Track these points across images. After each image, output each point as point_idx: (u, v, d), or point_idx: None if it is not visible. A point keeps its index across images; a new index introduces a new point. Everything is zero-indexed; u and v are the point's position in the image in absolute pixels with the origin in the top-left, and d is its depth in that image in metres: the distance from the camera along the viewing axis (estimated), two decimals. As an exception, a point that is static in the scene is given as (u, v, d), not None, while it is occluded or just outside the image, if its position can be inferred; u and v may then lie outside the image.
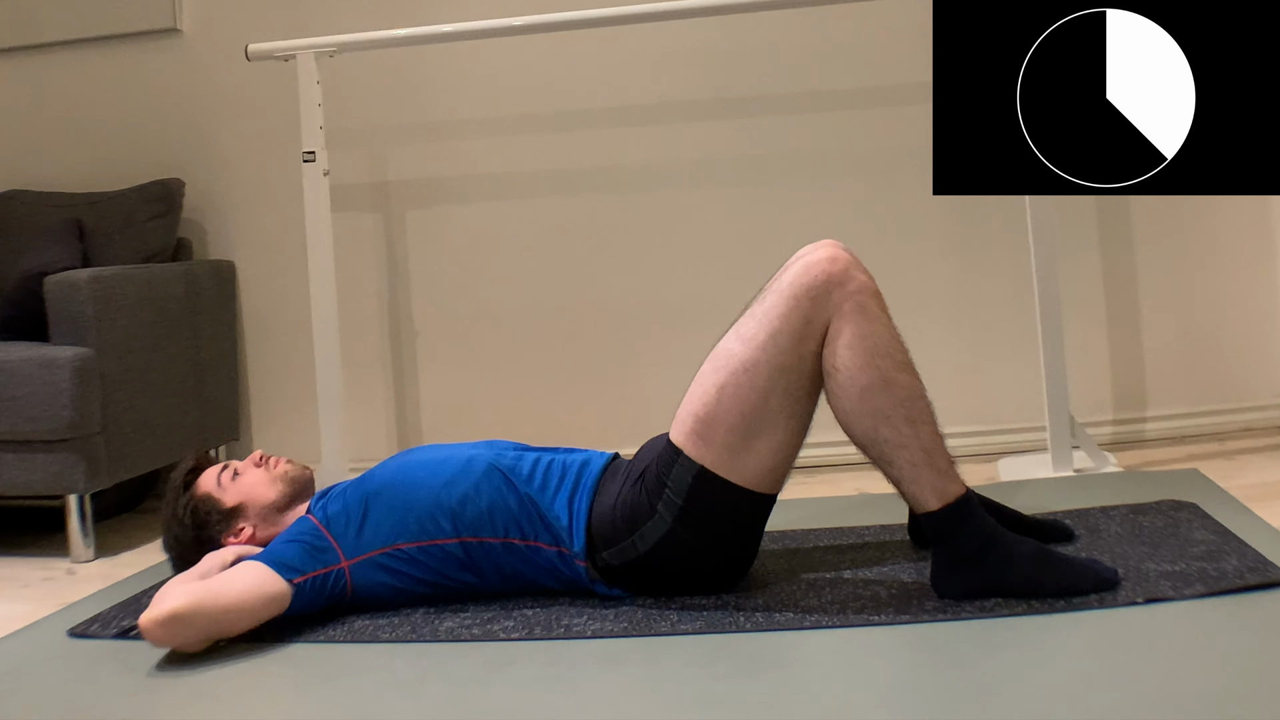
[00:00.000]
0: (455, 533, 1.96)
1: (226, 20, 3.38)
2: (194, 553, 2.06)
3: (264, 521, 2.10)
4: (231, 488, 2.10)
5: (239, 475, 2.13)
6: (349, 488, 2.06)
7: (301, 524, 2.02)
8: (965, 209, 3.07)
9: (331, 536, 1.98)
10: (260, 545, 2.07)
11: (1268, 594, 1.71)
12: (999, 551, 1.79)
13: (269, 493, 2.11)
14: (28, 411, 2.66)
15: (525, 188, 3.28)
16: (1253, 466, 2.69)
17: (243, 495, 2.10)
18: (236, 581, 1.88)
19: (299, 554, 1.94)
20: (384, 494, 2.01)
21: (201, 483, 2.12)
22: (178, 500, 2.10)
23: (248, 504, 2.10)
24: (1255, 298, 3.08)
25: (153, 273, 3.05)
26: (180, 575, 1.96)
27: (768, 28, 3.11)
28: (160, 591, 1.88)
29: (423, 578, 1.99)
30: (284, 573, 1.90)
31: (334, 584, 1.96)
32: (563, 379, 3.28)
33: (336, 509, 2.01)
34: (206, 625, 1.83)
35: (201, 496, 2.09)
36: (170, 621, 1.80)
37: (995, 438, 3.07)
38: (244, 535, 2.08)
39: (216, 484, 2.11)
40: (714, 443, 1.86)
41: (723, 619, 1.83)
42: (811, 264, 1.84)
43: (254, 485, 2.12)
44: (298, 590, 1.91)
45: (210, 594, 1.84)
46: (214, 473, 2.13)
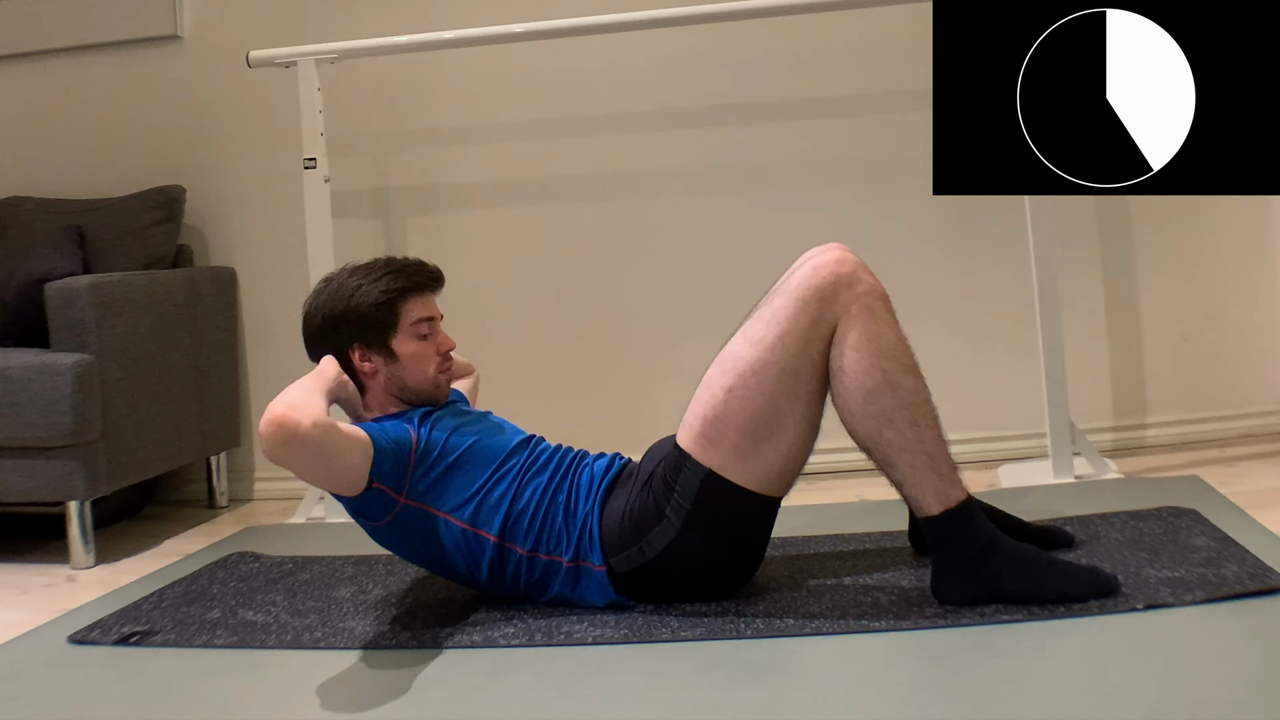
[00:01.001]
0: (499, 533, 1.95)
1: (227, 27, 3.38)
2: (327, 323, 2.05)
3: (389, 385, 2.07)
4: (411, 341, 2.06)
5: (427, 339, 2.08)
6: (458, 428, 2.01)
7: (405, 432, 1.96)
8: (966, 216, 3.07)
9: (413, 466, 1.94)
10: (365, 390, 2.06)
11: (1268, 600, 1.71)
12: (999, 557, 1.79)
13: (417, 380, 2.07)
14: (28, 418, 2.65)
15: (527, 194, 3.29)
16: (1253, 473, 2.69)
17: (406, 355, 2.06)
18: (353, 453, 1.85)
19: (393, 462, 1.91)
20: (475, 463, 1.98)
21: (409, 302, 2.07)
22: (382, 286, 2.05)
23: (400, 363, 2.06)
24: (1255, 304, 3.08)
25: (153, 279, 3.05)
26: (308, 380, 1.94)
27: (770, 34, 3.11)
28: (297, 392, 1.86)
29: (449, 556, 1.97)
30: (376, 471, 1.88)
31: (384, 504, 1.93)
32: (566, 384, 3.28)
33: (437, 439, 1.97)
34: (310, 463, 1.81)
35: (394, 308, 2.05)
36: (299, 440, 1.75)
37: (996, 444, 3.07)
38: (366, 366, 2.05)
39: (412, 322, 2.06)
40: (722, 446, 1.86)
41: (723, 625, 1.82)
42: (820, 266, 1.84)
43: (418, 360, 2.07)
44: (368, 490, 1.89)
45: (336, 448, 1.81)
46: (423, 311, 2.08)
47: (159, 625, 2.08)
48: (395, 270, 2.09)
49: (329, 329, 2.06)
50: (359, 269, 2.10)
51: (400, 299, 2.07)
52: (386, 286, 2.06)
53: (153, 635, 2.03)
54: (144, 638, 2.02)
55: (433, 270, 2.13)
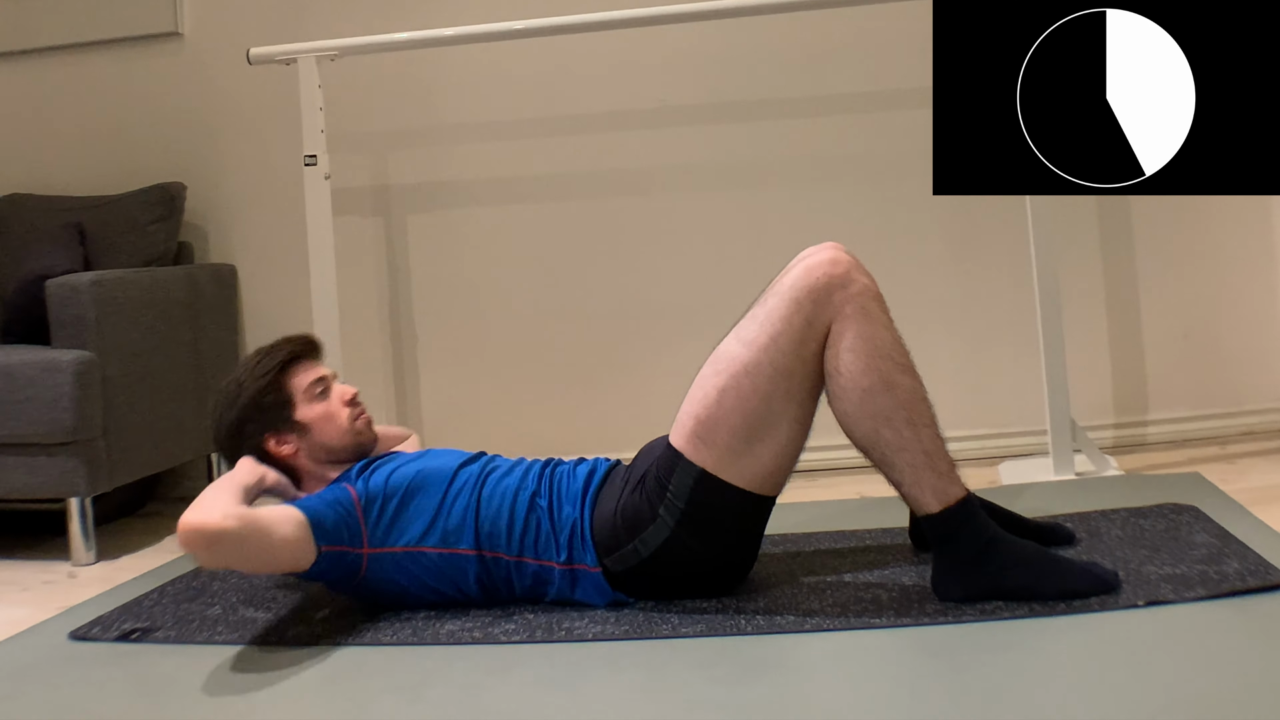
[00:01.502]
0: (475, 545, 1.95)
1: (228, 24, 3.38)
2: (233, 426, 2.04)
3: (313, 455, 2.07)
4: (313, 405, 2.06)
5: (326, 399, 2.08)
6: (394, 471, 2.01)
7: (341, 492, 1.96)
8: (966, 213, 3.07)
9: (362, 518, 1.94)
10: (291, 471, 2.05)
11: (1268, 597, 1.71)
12: (1000, 554, 1.79)
13: (336, 437, 2.07)
14: (29, 415, 2.66)
15: (527, 192, 3.29)
16: (1254, 470, 2.69)
17: (316, 420, 2.06)
18: (283, 528, 1.84)
19: (335, 522, 1.91)
20: (424, 492, 1.98)
21: (294, 376, 2.07)
22: (263, 374, 2.06)
23: (313, 430, 2.06)
24: (1256, 301, 3.08)
25: (154, 276, 3.05)
26: (220, 482, 1.92)
27: (769, 32, 3.11)
28: (208, 495, 1.85)
29: (431, 583, 1.98)
30: (319, 537, 1.87)
31: (349, 564, 1.93)
32: (563, 382, 3.28)
33: (376, 488, 1.97)
34: (239, 555, 1.80)
35: (285, 388, 2.06)
36: (214, 539, 1.76)
37: (996, 441, 3.07)
38: (285, 450, 2.05)
39: (304, 389, 2.06)
40: (715, 445, 1.86)
41: (724, 622, 1.83)
42: (813, 266, 1.84)
43: (330, 419, 2.07)
44: (320, 558, 1.88)
45: (258, 531, 1.81)
46: (310, 376, 2.08)
47: (160, 622, 2.08)
48: (269, 353, 2.10)
49: (236, 434, 2.06)
50: (238, 371, 2.11)
51: (283, 375, 2.08)
52: (265, 369, 2.07)
53: (154, 632, 2.03)
54: (145, 634, 2.02)
55: (305, 339, 2.14)
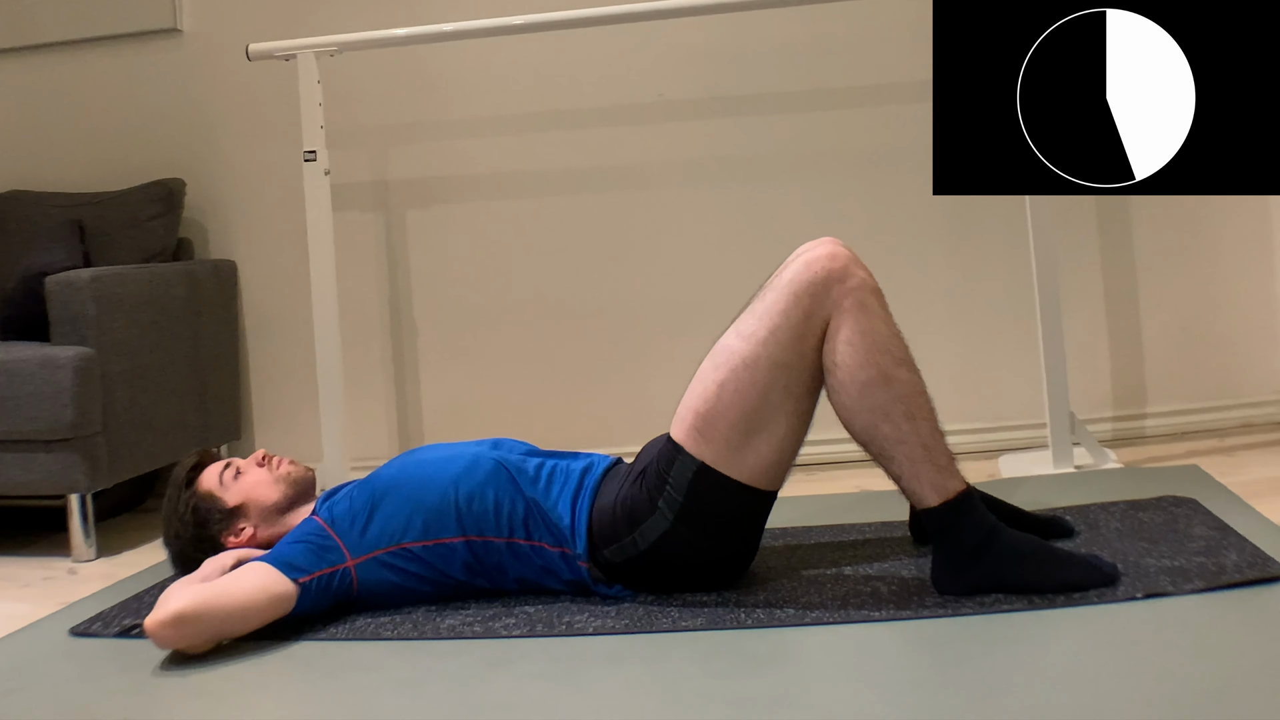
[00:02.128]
0: (461, 531, 1.96)
1: (227, 20, 3.38)
2: (194, 549, 2.06)
3: (265, 522, 2.10)
4: (234, 487, 2.10)
5: (241, 474, 2.12)
6: (355, 488, 2.05)
7: (307, 524, 2.01)
8: (965, 207, 3.07)
9: (337, 536, 1.97)
10: (261, 546, 2.07)
11: (1267, 589, 1.71)
12: (999, 548, 1.80)
13: (271, 493, 2.11)
14: (29, 411, 2.66)
15: (526, 187, 3.29)
16: (1252, 462, 2.70)
17: (244, 495, 2.10)
18: (243, 582, 1.88)
19: (304, 554, 1.94)
20: (391, 492, 2.00)
21: (203, 480, 2.12)
22: (179, 497, 2.10)
23: (249, 504, 2.10)
24: (1254, 294, 3.08)
25: (154, 273, 3.05)
26: (183, 579, 1.96)
27: (767, 26, 3.11)
28: (165, 594, 1.88)
29: (427, 576, 1.99)
30: (289, 573, 1.90)
31: (340, 583, 1.96)
32: (563, 378, 3.28)
33: (343, 509, 2.01)
34: (213, 626, 1.83)
35: (203, 494, 2.09)
36: (176, 622, 1.80)
37: (996, 434, 3.08)
38: (245, 535, 2.08)
39: (219, 482, 2.10)
40: (714, 439, 1.86)
41: (724, 615, 1.83)
42: (812, 260, 1.84)
43: (256, 485, 2.12)
44: (304, 590, 1.90)
45: (216, 594, 1.84)
46: (216, 470, 2.13)
47: (161, 617, 2.08)
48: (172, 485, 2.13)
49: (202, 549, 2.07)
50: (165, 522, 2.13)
51: (195, 486, 2.11)
52: (178, 495, 2.11)
53: (154, 627, 2.03)
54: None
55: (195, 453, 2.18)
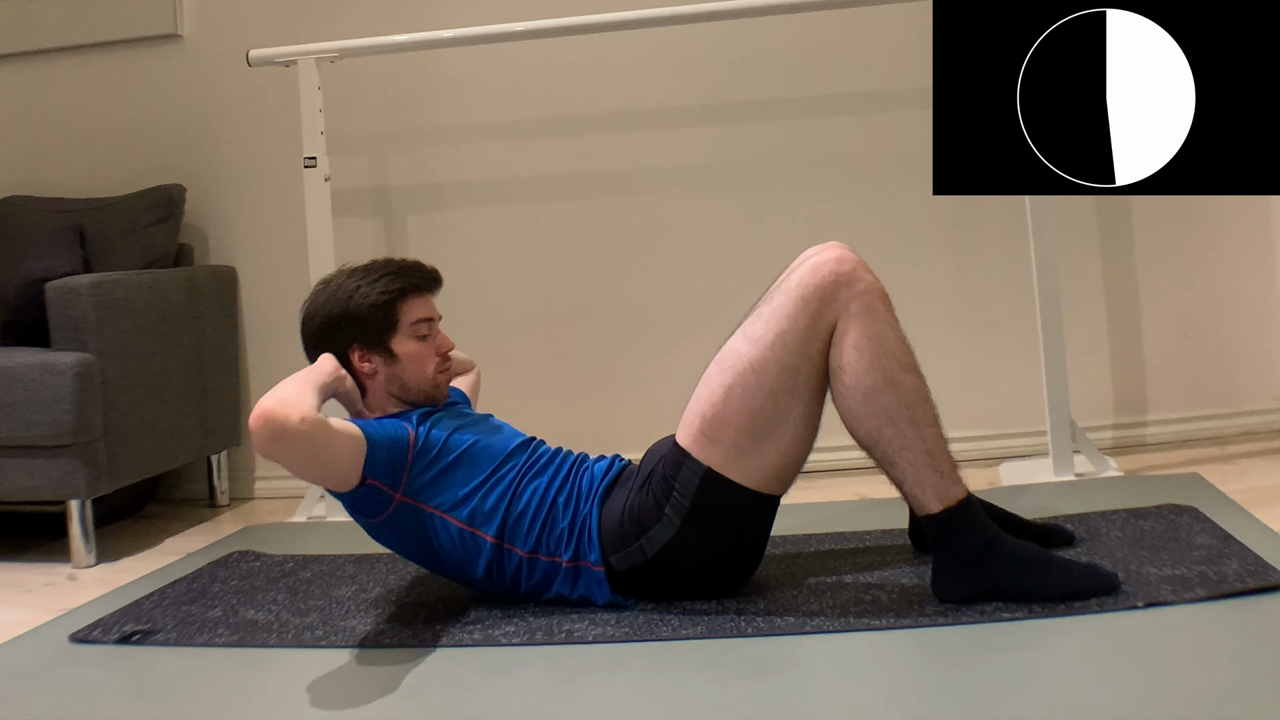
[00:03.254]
0: (498, 534, 1.95)
1: (228, 26, 3.38)
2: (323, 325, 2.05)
3: (386, 383, 2.08)
4: (411, 342, 2.07)
5: (425, 342, 2.08)
6: (458, 428, 2.01)
7: (402, 430, 1.97)
8: (965, 213, 3.07)
9: (410, 465, 1.94)
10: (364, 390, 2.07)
11: (1268, 598, 1.71)
12: (999, 555, 1.79)
13: (416, 381, 2.08)
14: (29, 417, 2.66)
15: (527, 193, 3.29)
16: (1253, 470, 2.69)
17: (405, 355, 2.07)
18: (345, 447, 1.86)
19: (386, 459, 1.92)
20: (474, 463, 1.98)
21: (408, 302, 2.07)
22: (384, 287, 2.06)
23: (399, 363, 2.06)
24: (1255, 301, 3.08)
25: (154, 278, 3.05)
26: (302, 374, 1.94)
27: (769, 32, 3.11)
28: (289, 387, 1.85)
29: (446, 555, 1.97)
30: (368, 465, 1.88)
31: (379, 502, 1.93)
32: (567, 383, 3.28)
33: (436, 439, 1.97)
34: (300, 459, 1.81)
35: (394, 309, 2.06)
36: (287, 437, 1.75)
37: (996, 442, 3.07)
38: (366, 367, 2.06)
39: (411, 322, 2.07)
40: (721, 444, 1.86)
41: (724, 624, 1.83)
42: (819, 264, 1.84)
43: (418, 361, 2.08)
44: (360, 488, 1.90)
45: (327, 442, 1.82)
46: (421, 312, 2.09)
47: (160, 624, 2.08)
48: (394, 271, 2.10)
49: (328, 330, 2.06)
50: (357, 270, 2.11)
51: (399, 299, 2.07)
52: (386, 287, 2.07)
53: (154, 634, 2.03)
54: (145, 636, 2.02)
55: (431, 271, 2.14)
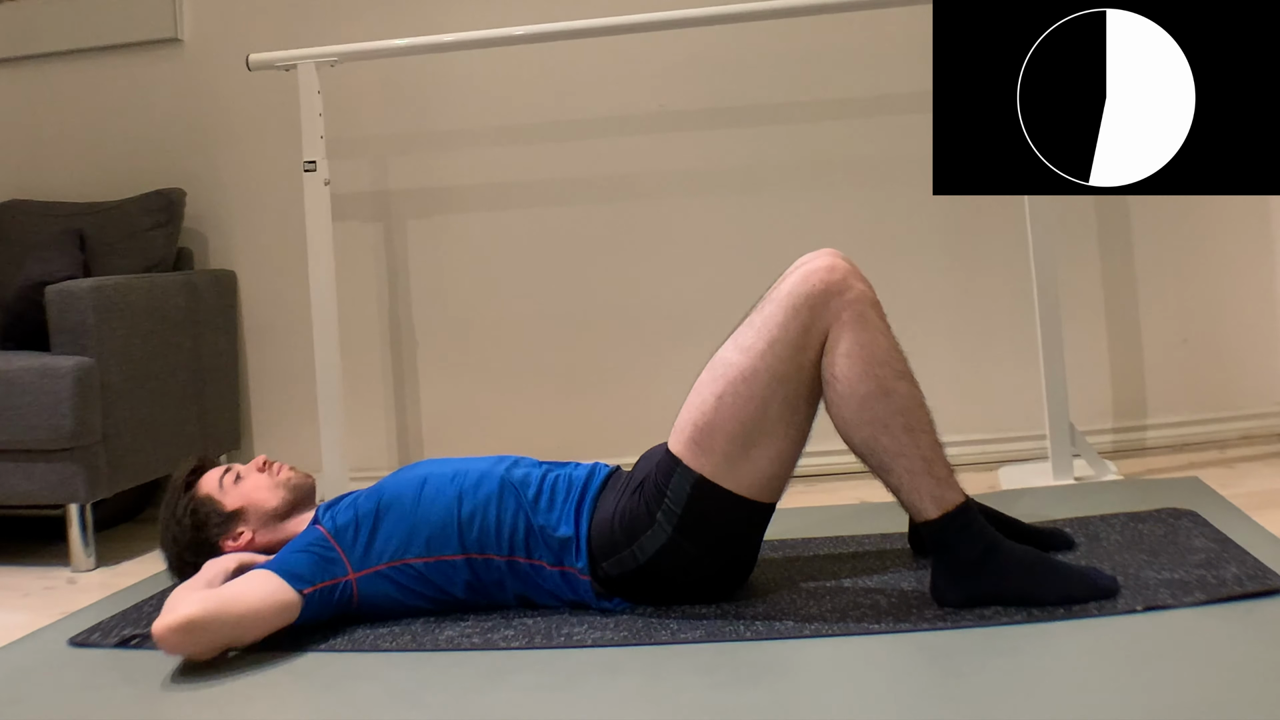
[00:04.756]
0: (462, 549, 1.96)
1: (227, 30, 3.38)
2: (191, 554, 2.06)
3: (264, 527, 2.10)
4: (233, 491, 2.10)
5: (241, 479, 2.12)
6: (360, 498, 2.05)
7: (310, 534, 2.01)
8: (964, 217, 3.08)
9: (340, 548, 1.97)
10: (260, 551, 2.07)
11: (1267, 601, 1.71)
12: (998, 560, 1.79)
13: (271, 499, 2.11)
14: (29, 421, 2.66)
15: (526, 197, 3.29)
16: (1252, 474, 2.69)
17: (244, 499, 2.10)
18: (250, 590, 1.87)
19: (309, 564, 1.94)
20: (395, 507, 2.00)
21: (203, 484, 2.12)
22: (178, 500, 2.10)
23: (249, 508, 2.10)
24: (1255, 305, 3.08)
25: (154, 282, 3.05)
26: (186, 583, 1.96)
27: (767, 37, 3.12)
28: (171, 599, 1.87)
29: (427, 593, 1.99)
30: (294, 582, 1.90)
31: (341, 595, 1.95)
32: (562, 388, 3.28)
33: (346, 519, 2.00)
34: (221, 633, 1.83)
35: (202, 498, 2.09)
36: (186, 629, 1.79)
37: (996, 446, 3.07)
38: (243, 540, 2.08)
39: (218, 486, 2.10)
40: (713, 452, 1.86)
41: (723, 627, 1.83)
42: (810, 273, 1.84)
43: (256, 490, 2.11)
44: (307, 600, 1.90)
45: (224, 602, 1.84)
46: (216, 475, 2.13)
47: (159, 628, 2.08)
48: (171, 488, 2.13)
49: (197, 558, 2.06)
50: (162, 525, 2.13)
51: (194, 490, 2.11)
52: (177, 497, 2.11)
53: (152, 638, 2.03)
54: (144, 640, 2.01)
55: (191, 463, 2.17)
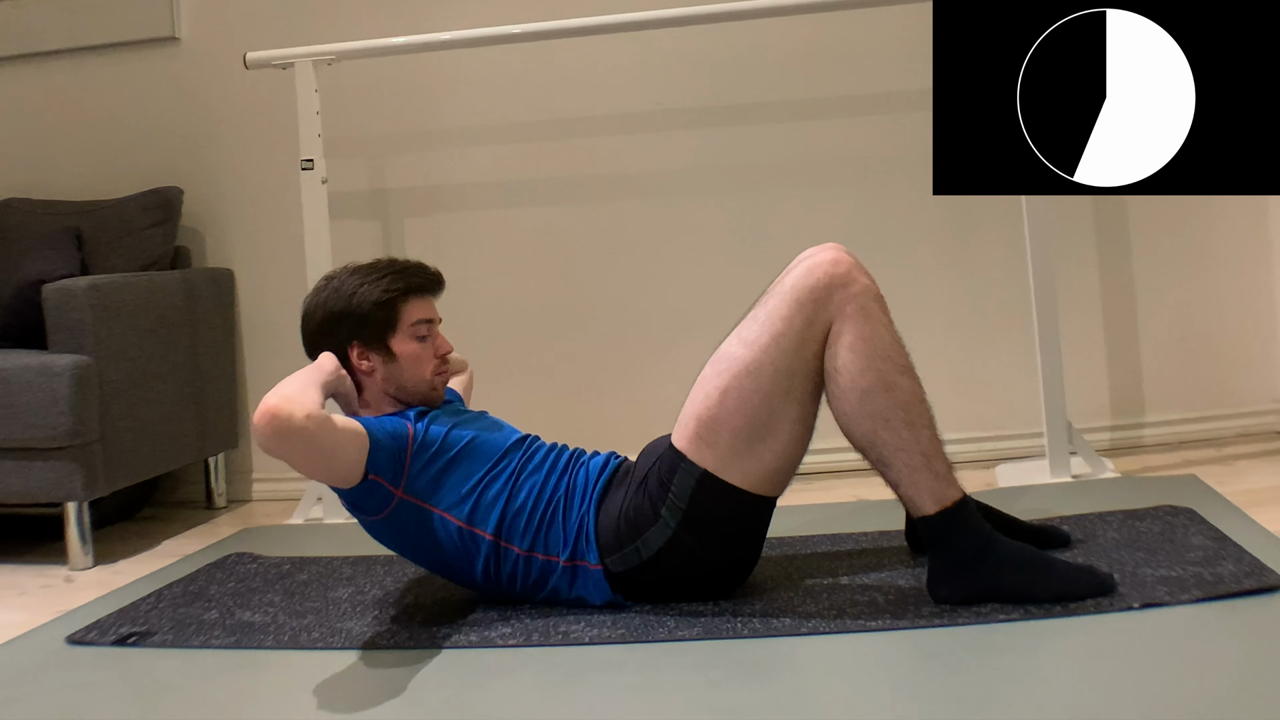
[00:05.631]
0: (496, 531, 1.95)
1: (225, 28, 3.38)
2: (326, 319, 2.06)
3: (384, 382, 2.07)
4: (410, 342, 2.07)
5: (424, 342, 2.08)
6: (453, 426, 2.01)
7: (403, 427, 1.97)
8: (962, 215, 3.08)
9: (410, 462, 1.94)
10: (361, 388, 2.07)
11: (1264, 599, 1.71)
12: (995, 557, 1.80)
13: (413, 381, 2.07)
14: (26, 419, 2.66)
15: (524, 195, 3.29)
16: (1249, 472, 2.70)
17: (404, 355, 2.06)
18: (349, 443, 1.86)
19: (388, 458, 1.92)
20: (472, 459, 1.98)
21: (410, 302, 2.07)
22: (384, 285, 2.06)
23: (398, 362, 2.06)
24: (1252, 303, 3.08)
25: (151, 281, 3.05)
26: (311, 370, 1.95)
27: (767, 35, 3.12)
28: (293, 385, 1.86)
29: (445, 555, 1.97)
30: (370, 462, 1.89)
31: (380, 499, 1.94)
32: (562, 385, 3.28)
33: (435, 435, 1.97)
34: (303, 455, 1.81)
35: (396, 309, 2.06)
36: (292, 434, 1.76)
37: (993, 443, 3.07)
38: (364, 365, 2.06)
39: (411, 323, 2.07)
40: (717, 446, 1.86)
41: (721, 625, 1.83)
42: (814, 266, 1.84)
43: (416, 362, 2.08)
44: (362, 484, 1.90)
45: (330, 439, 1.82)
46: (422, 313, 2.08)
47: (157, 626, 2.08)
48: (397, 271, 2.10)
49: (329, 326, 2.07)
50: (360, 268, 2.11)
51: (401, 299, 2.08)
52: (388, 286, 2.07)
53: (151, 636, 2.03)
54: (142, 638, 2.02)
55: (433, 273, 2.14)
